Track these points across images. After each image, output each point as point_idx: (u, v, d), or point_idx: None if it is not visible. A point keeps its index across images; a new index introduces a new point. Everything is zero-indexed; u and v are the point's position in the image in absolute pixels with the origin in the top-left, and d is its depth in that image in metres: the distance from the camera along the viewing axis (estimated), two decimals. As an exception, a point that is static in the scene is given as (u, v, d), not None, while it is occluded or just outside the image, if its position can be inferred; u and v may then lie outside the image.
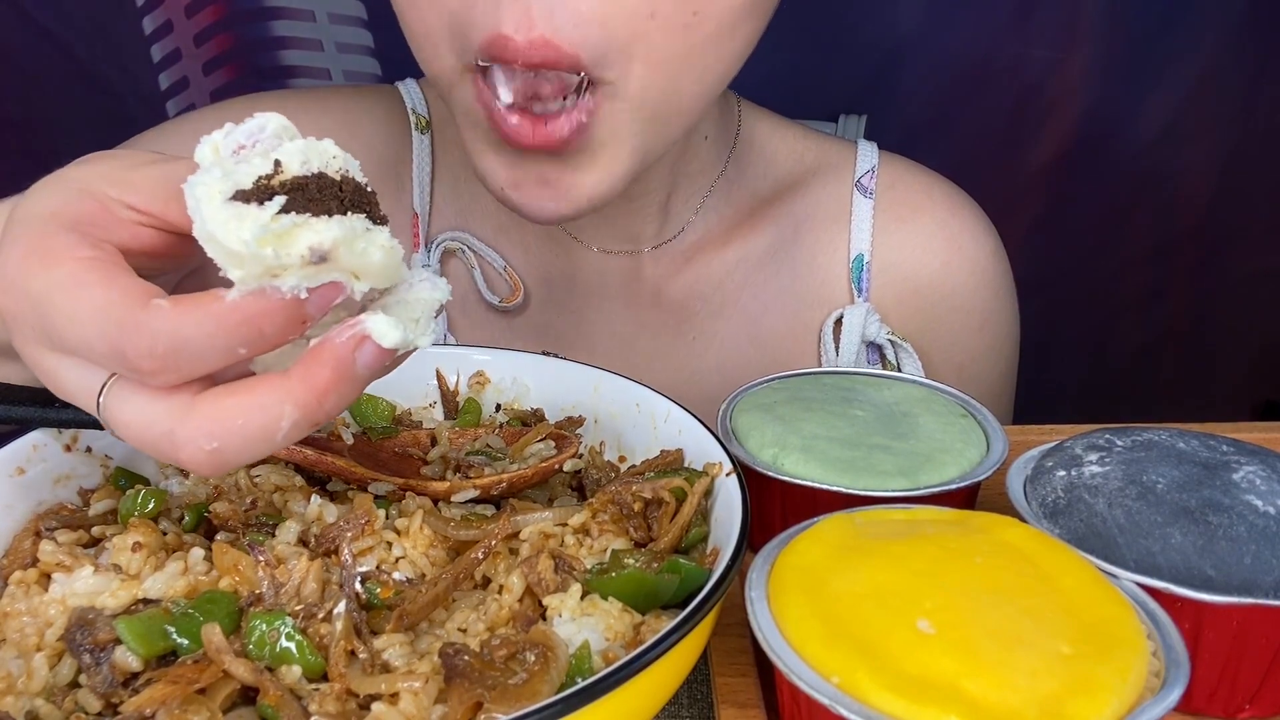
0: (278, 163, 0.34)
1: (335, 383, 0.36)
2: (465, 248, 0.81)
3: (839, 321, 0.81)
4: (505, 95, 0.57)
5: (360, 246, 0.35)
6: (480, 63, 0.57)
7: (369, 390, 0.58)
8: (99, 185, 0.39)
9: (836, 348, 0.81)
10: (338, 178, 0.36)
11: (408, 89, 0.84)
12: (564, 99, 0.57)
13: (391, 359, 0.37)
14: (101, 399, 0.37)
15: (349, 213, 0.35)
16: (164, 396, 0.36)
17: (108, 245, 0.37)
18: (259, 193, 0.34)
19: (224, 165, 0.35)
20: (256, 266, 0.33)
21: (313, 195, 0.34)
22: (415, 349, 0.38)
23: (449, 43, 0.58)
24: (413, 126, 0.82)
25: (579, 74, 0.56)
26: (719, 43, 0.59)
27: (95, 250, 0.37)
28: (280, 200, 0.33)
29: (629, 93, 0.58)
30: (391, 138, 0.82)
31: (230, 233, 0.33)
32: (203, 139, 0.36)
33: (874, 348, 0.82)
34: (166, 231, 0.39)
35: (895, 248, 0.82)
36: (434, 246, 0.80)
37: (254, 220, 0.33)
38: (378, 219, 0.36)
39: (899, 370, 0.81)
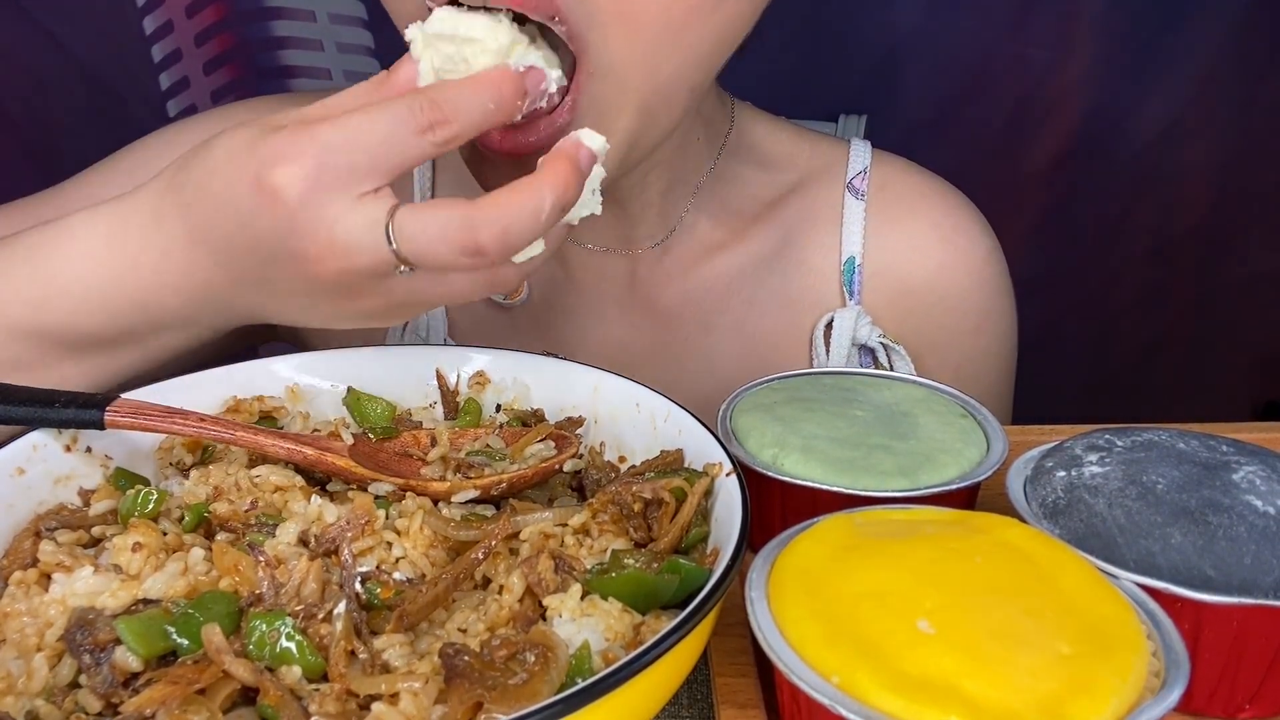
0: None
1: (571, 171, 0.47)
2: None
3: (830, 325, 0.81)
4: None
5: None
6: None
7: (369, 390, 0.59)
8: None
9: (827, 351, 0.81)
10: None
11: None
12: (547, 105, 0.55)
13: (593, 166, 0.50)
14: (392, 222, 0.46)
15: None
16: (447, 204, 0.46)
17: None
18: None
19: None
20: (502, 55, 0.50)
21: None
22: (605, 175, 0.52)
23: None
24: None
25: (558, 27, 0.53)
26: (701, 16, 0.57)
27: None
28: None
29: (611, 64, 0.55)
30: None
31: (490, 33, 0.50)
32: (410, 26, 0.51)
33: (866, 350, 0.81)
34: None
35: (888, 250, 0.81)
36: None
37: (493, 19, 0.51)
38: None
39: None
